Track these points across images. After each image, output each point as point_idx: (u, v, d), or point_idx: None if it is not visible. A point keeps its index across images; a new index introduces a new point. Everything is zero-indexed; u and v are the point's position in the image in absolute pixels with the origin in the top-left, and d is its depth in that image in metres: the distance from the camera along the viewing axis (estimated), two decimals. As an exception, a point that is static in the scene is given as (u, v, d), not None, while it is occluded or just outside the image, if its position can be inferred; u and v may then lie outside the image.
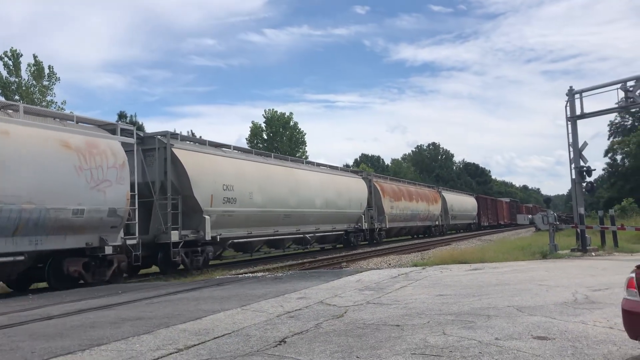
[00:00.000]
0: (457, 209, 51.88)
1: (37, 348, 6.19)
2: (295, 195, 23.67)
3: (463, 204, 55.03)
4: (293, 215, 23.64)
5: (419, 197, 41.15)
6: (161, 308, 9.22)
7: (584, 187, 19.85)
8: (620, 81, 18.99)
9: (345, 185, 29.27)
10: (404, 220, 38.02)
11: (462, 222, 55.33)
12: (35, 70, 33.02)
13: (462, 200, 56.11)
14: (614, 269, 12.84)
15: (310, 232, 25.66)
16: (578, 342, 5.54)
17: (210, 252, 18.84)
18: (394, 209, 35.44)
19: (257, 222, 21.02)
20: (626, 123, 64.42)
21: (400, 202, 36.65)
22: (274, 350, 5.75)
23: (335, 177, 29.00)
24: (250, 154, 23.15)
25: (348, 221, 29.48)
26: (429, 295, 9.57)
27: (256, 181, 21.05)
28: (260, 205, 21.04)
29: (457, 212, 51.46)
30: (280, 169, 23.63)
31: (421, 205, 41.10)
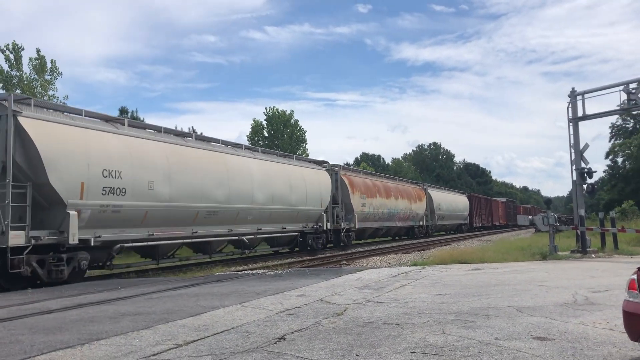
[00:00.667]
0: (446, 209, 48.24)
1: (36, 341, 6.19)
2: (224, 187, 19.04)
3: (452, 203, 51.08)
4: (221, 213, 19.04)
5: (399, 194, 37.02)
6: (160, 303, 9.22)
7: (585, 189, 19.85)
8: (622, 83, 18.97)
9: (300, 178, 24.50)
10: (380, 220, 34.00)
11: (451, 223, 51.83)
12: (37, 64, 32.96)
13: (452, 198, 52.04)
14: (614, 271, 12.84)
15: (250, 233, 21.01)
16: (578, 343, 5.53)
17: (85, 259, 14.24)
18: (367, 206, 31.20)
19: (161, 220, 16.50)
20: (628, 125, 64.32)
21: (374, 199, 32.32)
22: (274, 347, 5.75)
23: (287, 166, 24.20)
24: (159, 133, 17.65)
25: (304, 220, 24.90)
26: (428, 294, 9.56)
27: (161, 167, 16.38)
28: (167, 199, 16.43)
29: (445, 212, 47.94)
30: (204, 154, 18.83)
31: (402, 203, 36.96)
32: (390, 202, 34.89)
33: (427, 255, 21.16)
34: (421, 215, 41.80)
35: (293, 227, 24.24)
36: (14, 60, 32.36)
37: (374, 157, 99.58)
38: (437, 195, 46.39)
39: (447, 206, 48.50)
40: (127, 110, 46.54)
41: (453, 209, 50.67)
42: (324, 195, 26.40)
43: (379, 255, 23.15)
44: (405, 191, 38.96)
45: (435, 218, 44.89)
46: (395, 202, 35.92)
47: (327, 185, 27.05)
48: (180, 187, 17.08)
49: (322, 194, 26.24)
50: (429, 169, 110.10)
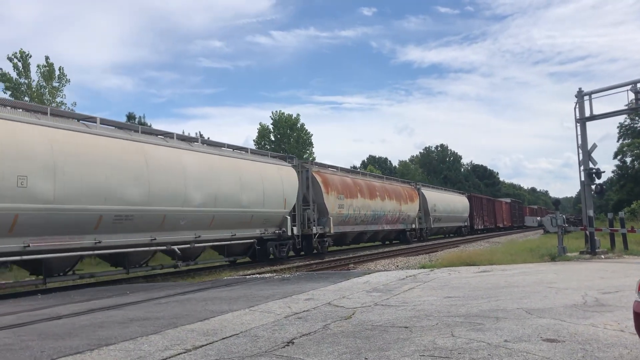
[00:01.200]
0: (442, 210, 44.18)
1: (46, 347, 6.22)
2: (142, 185, 15.37)
3: (450, 203, 46.95)
4: (138, 217, 15.30)
5: (386, 194, 33.27)
6: (169, 308, 9.24)
7: (593, 190, 19.73)
8: (630, 82, 18.86)
9: (255, 174, 20.77)
10: (363, 223, 30.41)
11: (449, 225, 47.66)
12: (45, 71, 33.21)
13: (449, 199, 47.81)
14: (624, 271, 12.75)
15: (185, 242, 17.43)
16: (588, 345, 5.49)
17: None
18: (345, 208, 27.58)
19: (42, 227, 12.90)
20: (636, 125, 63.98)
21: (355, 199, 28.71)
22: (282, 351, 5.75)
23: (237, 161, 20.23)
24: (43, 116, 13.85)
25: (262, 225, 21.09)
26: (437, 297, 9.53)
27: (42, 159, 12.86)
28: (49, 200, 12.88)
29: (441, 214, 43.88)
30: (113, 143, 15.00)
31: (389, 204, 33.37)
32: (375, 203, 31.27)
33: (435, 258, 21.10)
34: (413, 218, 38.19)
35: (247, 233, 20.25)
36: (22, 67, 32.64)
37: (381, 160, 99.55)
38: (431, 196, 42.69)
39: (443, 207, 44.64)
40: (135, 116, 46.88)
41: (451, 210, 46.80)
42: (288, 196, 22.67)
43: (387, 258, 23.12)
44: (394, 191, 35.23)
45: (430, 220, 41.22)
46: (382, 203, 32.25)
47: (292, 184, 23.17)
48: (72, 185, 13.39)
49: (287, 194, 22.52)
50: (436, 171, 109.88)
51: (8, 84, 32.05)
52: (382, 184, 34.72)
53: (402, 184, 39.49)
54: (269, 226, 21.75)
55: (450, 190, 55.98)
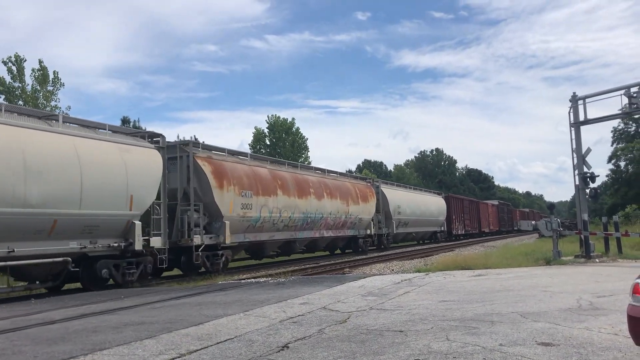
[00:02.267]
0: (410, 213, 37.85)
1: (39, 352, 6.18)
2: None
3: (421, 205, 40.48)
4: None
5: (326, 191, 26.67)
6: (164, 313, 9.20)
7: (588, 194, 19.80)
8: (624, 87, 18.95)
9: (67, 155, 13.59)
10: (289, 230, 23.68)
11: (419, 231, 41.23)
12: (40, 75, 33.15)
13: (420, 200, 41.25)
14: (618, 275, 12.78)
15: None
16: (583, 349, 5.50)
17: None
18: (254, 209, 20.77)
19: None
20: (630, 129, 64.29)
21: (271, 197, 21.91)
22: (277, 355, 5.73)
23: (26, 134, 12.84)
24: None
25: (83, 235, 14.09)
26: (432, 301, 9.53)
27: None
28: None
29: (408, 217, 37.49)
30: None
31: (331, 204, 26.82)
32: (307, 203, 24.66)
33: (430, 262, 21.11)
34: (367, 222, 31.52)
35: (50, 247, 13.21)
36: (16, 71, 32.57)
37: (376, 164, 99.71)
38: (395, 195, 36.13)
39: (411, 209, 38.28)
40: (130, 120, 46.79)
41: (421, 212, 40.27)
42: (139, 190, 15.42)
43: (383, 262, 23.13)
44: (340, 188, 28.53)
45: (393, 225, 34.84)
46: (319, 203, 25.70)
47: (149, 173, 16.00)
48: None
49: (136, 188, 15.29)
50: (431, 175, 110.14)
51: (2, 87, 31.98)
52: (321, 178, 27.61)
53: (353, 180, 32.36)
54: (98, 236, 14.47)
55: (423, 189, 49.24)
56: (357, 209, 29.84)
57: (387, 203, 34.29)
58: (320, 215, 25.97)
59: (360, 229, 31.00)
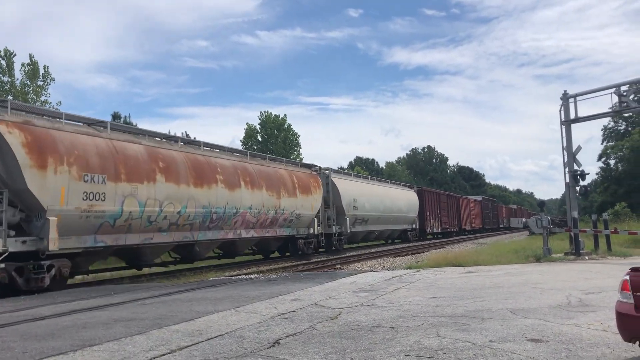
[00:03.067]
0: (371, 208, 32.73)
1: (28, 348, 6.14)
2: None
3: (385, 199, 35.15)
4: None
5: (245, 179, 20.76)
6: (154, 309, 9.17)
7: (578, 191, 19.92)
8: (614, 85, 19.08)
9: None
10: (181, 230, 17.77)
11: (384, 229, 36.19)
12: (30, 70, 32.87)
13: (384, 193, 35.74)
14: (607, 272, 12.88)
15: None
16: (572, 345, 5.54)
17: None
18: (114, 201, 14.97)
19: None
20: (619, 128, 64.73)
21: (149, 185, 16.15)
22: (268, 351, 5.73)
23: None
24: None
25: None
26: (423, 297, 9.56)
27: None
28: None
29: (369, 213, 32.41)
30: None
31: (255, 197, 21.25)
32: (212, 194, 18.69)
33: (421, 259, 21.17)
34: (309, 219, 25.84)
35: None
36: (5, 66, 32.28)
37: (368, 161, 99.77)
38: (350, 187, 30.79)
39: (373, 204, 33.11)
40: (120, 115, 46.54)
41: (386, 208, 35.08)
42: None
43: (374, 259, 23.17)
44: (269, 176, 22.76)
45: (347, 222, 29.20)
46: (231, 194, 19.71)
47: None
48: None
49: None
50: (422, 172, 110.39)
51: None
52: (239, 162, 21.39)
53: (291, 167, 26.23)
54: None
55: (390, 182, 42.86)
56: (293, 203, 24.08)
57: (339, 196, 28.87)
58: (234, 210, 19.99)
59: (300, 228, 25.42)
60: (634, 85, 20.56)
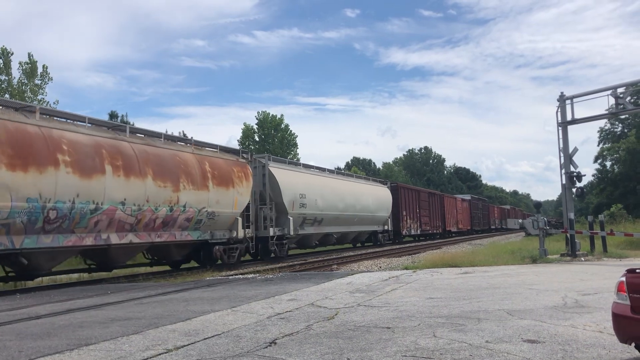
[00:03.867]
0: (326, 206, 27.36)
1: (24, 347, 6.12)
2: None
3: (347, 195, 29.90)
4: None
5: (117, 162, 15.34)
6: (150, 308, 9.16)
7: (574, 193, 19.96)
8: (610, 87, 19.13)
9: None
10: (4, 234, 12.45)
11: (346, 231, 30.70)
12: (28, 68, 32.81)
13: (346, 189, 30.36)
14: (603, 273, 12.91)
15: None
16: (568, 346, 5.55)
17: None
18: None
19: None
20: (616, 129, 64.87)
21: None
22: (264, 351, 5.73)
23: None
24: None
25: None
26: (419, 298, 9.57)
27: None
28: None
29: (323, 212, 27.08)
30: None
31: (144, 188, 16.12)
32: (57, 182, 13.51)
33: (418, 259, 21.20)
34: (229, 218, 20.10)
35: None
36: (3, 65, 32.22)
37: (365, 162, 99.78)
38: (295, 180, 25.10)
39: (329, 201, 27.82)
40: (117, 114, 46.46)
41: (347, 206, 29.84)
42: None
43: (371, 259, 23.18)
44: (165, 161, 17.33)
45: (290, 223, 23.74)
46: (87, 183, 14.31)
47: None
48: None
49: None
50: (419, 173, 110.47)
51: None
52: (107, 139, 15.59)
53: (206, 151, 20.11)
54: None
55: (354, 176, 35.55)
56: (202, 198, 18.43)
57: (279, 191, 23.43)
58: (91, 205, 14.37)
59: (217, 231, 19.61)
60: (631, 87, 20.62)
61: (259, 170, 23.41)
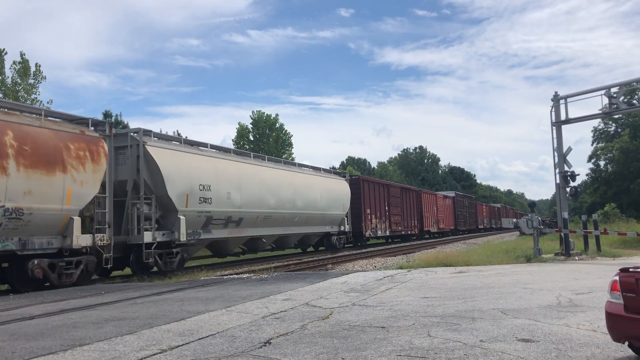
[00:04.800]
0: (246, 201, 21.14)
1: (18, 348, 6.10)
2: None
3: (281, 189, 23.80)
4: None
5: None
6: (145, 309, 9.13)
7: (568, 192, 20.03)
8: (604, 87, 19.21)
9: None
10: None
11: (282, 234, 24.47)
12: (21, 67, 32.64)
13: (280, 179, 24.13)
14: (596, 273, 12.96)
15: None
16: (562, 345, 5.57)
17: None
18: None
19: None
20: (609, 129, 65.22)
21: None
22: (259, 351, 5.72)
23: None
24: None
25: None
26: (414, 297, 9.58)
27: None
28: None
29: (243, 210, 20.98)
30: None
31: None
32: None
33: (412, 259, 21.22)
34: (60, 220, 13.75)
35: None
36: (-5, 64, 32.04)
37: (360, 161, 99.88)
38: (192, 165, 18.85)
39: (253, 195, 21.73)
40: (111, 114, 46.30)
41: (285, 202, 23.92)
42: None
43: (365, 259, 23.21)
44: None
45: (181, 224, 17.81)
46: None
47: None
48: None
49: None
50: (414, 172, 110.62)
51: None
52: None
53: (13, 118, 12.99)
54: None
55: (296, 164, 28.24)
56: None
57: (161, 180, 17.28)
58: None
59: (36, 237, 13.28)
60: (624, 87, 20.72)
61: (132, 151, 17.19)
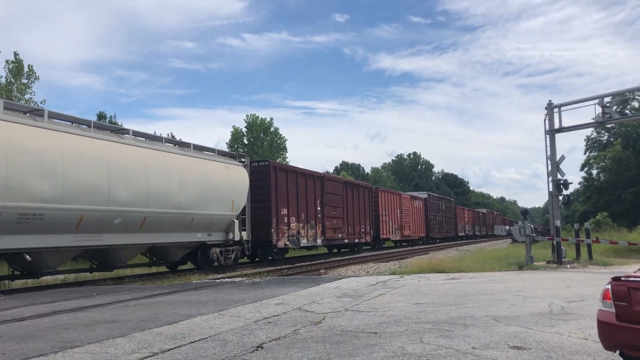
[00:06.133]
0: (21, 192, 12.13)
1: (8, 350, 6.05)
2: None
3: (109, 172, 14.53)
4: None
5: None
6: (137, 311, 9.09)
7: (561, 200, 20.13)
8: (597, 97, 19.35)
9: None
10: None
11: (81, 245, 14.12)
12: (14, 67, 32.51)
13: (111, 157, 14.75)
14: (588, 281, 13.02)
15: None
16: (553, 353, 5.59)
17: None
18: None
19: None
20: (602, 138, 65.53)
21: None
22: (251, 355, 5.71)
23: None
24: None
25: None
26: (407, 303, 9.59)
27: None
28: None
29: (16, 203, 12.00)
30: None
31: None
32: None
33: (405, 264, 21.25)
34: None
35: None
36: (-11, 63, 31.91)
37: (354, 166, 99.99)
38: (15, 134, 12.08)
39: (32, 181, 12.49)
40: (106, 115, 46.10)
41: (109, 195, 14.57)
42: None
43: (358, 264, 23.20)
44: None
45: None
46: None
47: None
48: None
49: None
50: (408, 178, 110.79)
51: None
52: None
53: None
54: None
55: (146, 138, 17.51)
56: None
57: None
58: None
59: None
60: (617, 96, 20.87)
61: None
